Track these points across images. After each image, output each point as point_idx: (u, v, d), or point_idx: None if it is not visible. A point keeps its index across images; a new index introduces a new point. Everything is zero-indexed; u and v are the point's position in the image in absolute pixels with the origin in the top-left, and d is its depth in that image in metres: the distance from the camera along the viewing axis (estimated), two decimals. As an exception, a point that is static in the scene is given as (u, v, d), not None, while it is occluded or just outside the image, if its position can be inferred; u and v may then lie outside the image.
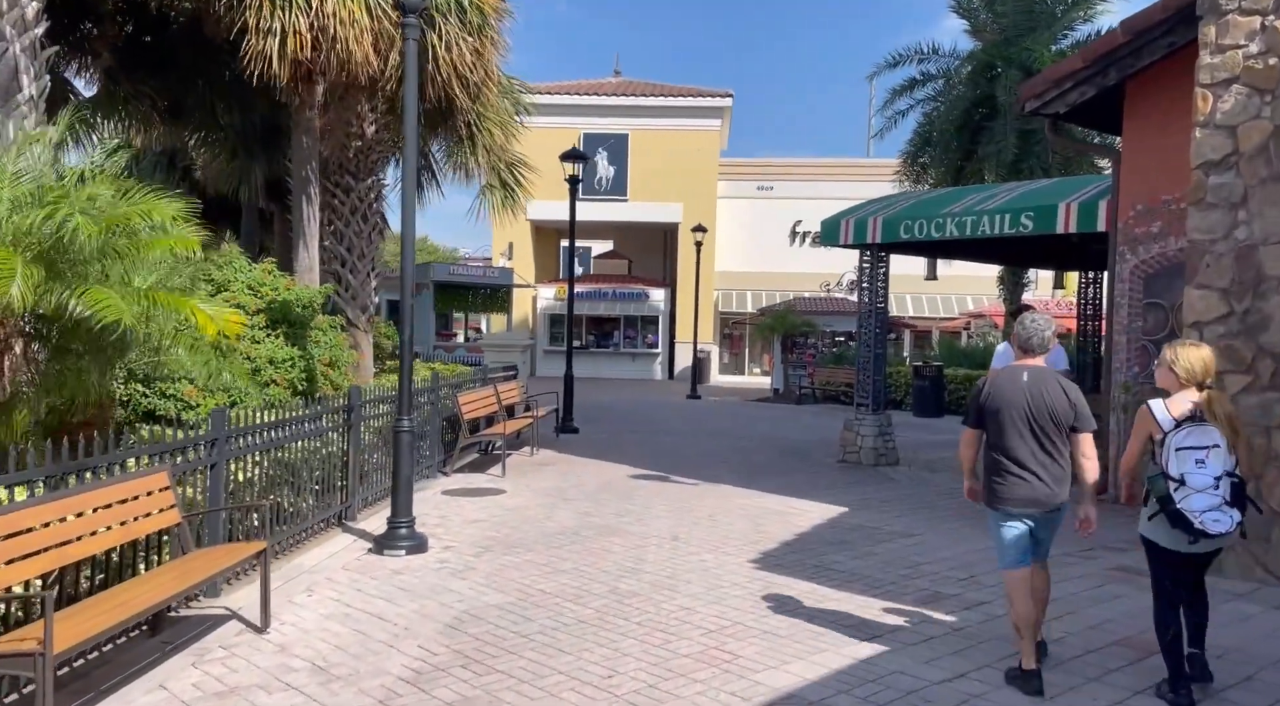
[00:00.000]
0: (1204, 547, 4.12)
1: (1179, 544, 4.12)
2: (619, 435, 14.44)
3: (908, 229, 11.17)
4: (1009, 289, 21.13)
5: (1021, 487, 4.33)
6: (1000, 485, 4.39)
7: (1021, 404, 4.32)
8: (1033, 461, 4.31)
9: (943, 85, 20.91)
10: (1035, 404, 4.30)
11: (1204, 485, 3.99)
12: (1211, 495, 3.98)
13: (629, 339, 31.86)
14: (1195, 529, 3.99)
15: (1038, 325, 4.45)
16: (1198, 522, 3.97)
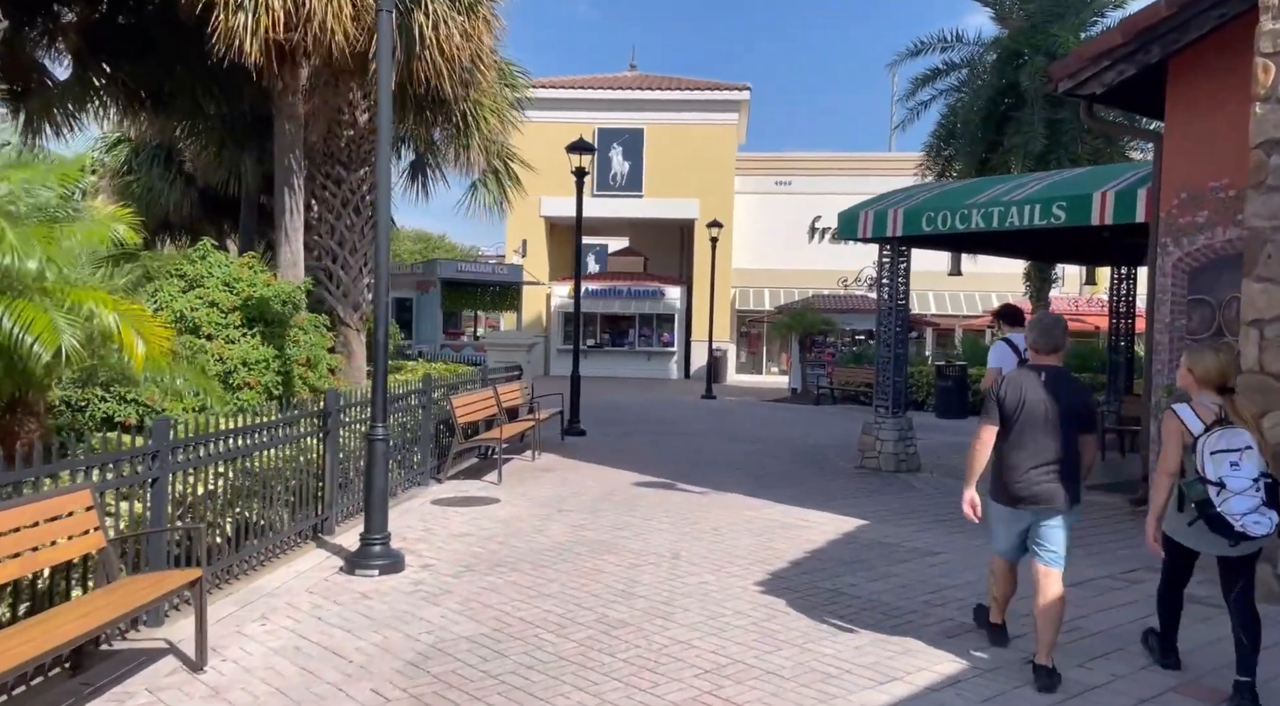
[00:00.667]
0: (1244, 549, 4.13)
1: (1217, 547, 4.13)
2: (627, 438, 13.87)
3: (930, 221, 10.51)
4: (1036, 286, 20.34)
5: (1028, 485, 4.37)
6: (1012, 483, 4.42)
7: (1042, 403, 4.35)
8: (1043, 459, 4.35)
9: (967, 74, 20.15)
10: (1053, 405, 4.33)
11: (1243, 487, 3.98)
12: (1251, 497, 3.97)
13: (644, 337, 31.28)
14: (1236, 532, 3.98)
15: (1046, 324, 4.52)
16: (1239, 525, 3.96)
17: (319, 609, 5.31)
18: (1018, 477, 4.39)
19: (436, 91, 8.67)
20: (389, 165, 6.23)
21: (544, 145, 31.01)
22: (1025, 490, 4.38)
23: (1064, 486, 4.36)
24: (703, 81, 30.99)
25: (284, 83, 8.72)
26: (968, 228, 10.20)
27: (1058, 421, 4.34)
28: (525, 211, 30.71)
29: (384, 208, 6.37)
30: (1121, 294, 14.07)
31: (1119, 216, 9.05)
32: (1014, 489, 4.41)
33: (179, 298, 7.51)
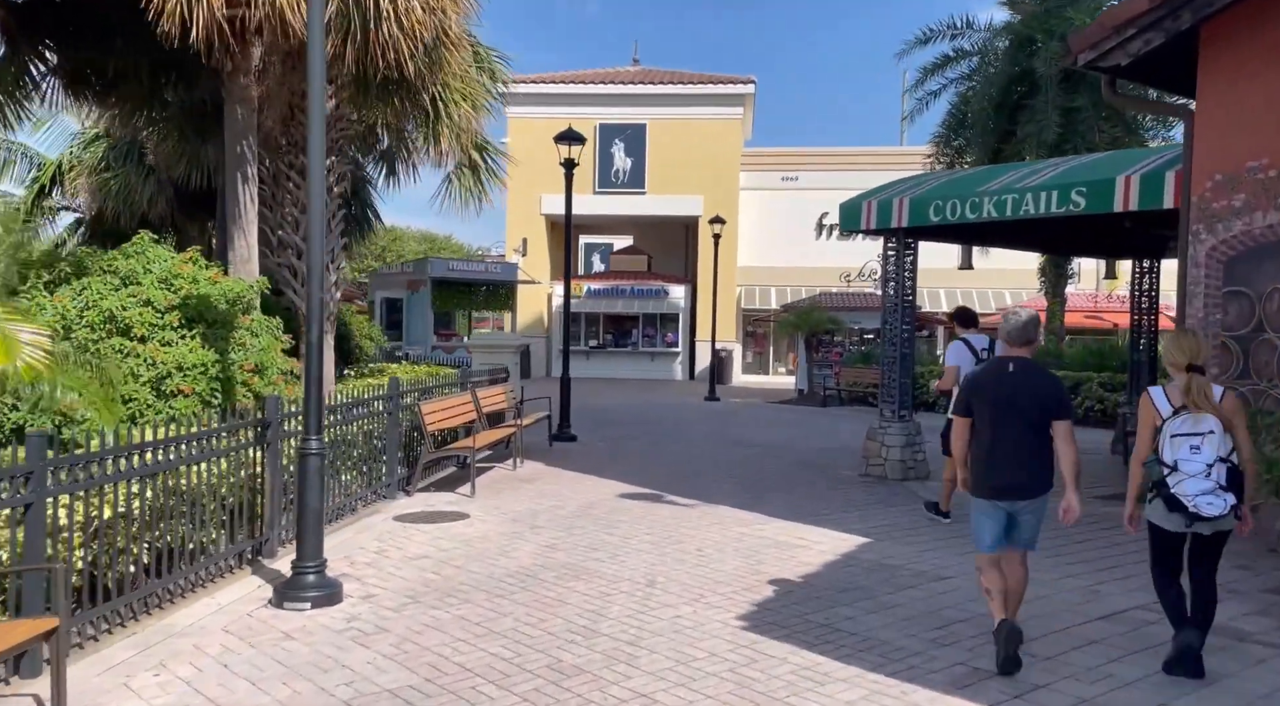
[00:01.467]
0: (1202, 529, 4.23)
1: (1178, 525, 4.25)
2: (620, 443, 13.15)
3: (939, 210, 9.75)
4: (1051, 281, 19.57)
5: (1001, 475, 4.43)
6: (985, 473, 4.49)
7: (1008, 394, 4.43)
8: (1018, 450, 4.41)
9: (978, 62, 19.38)
10: (1022, 394, 4.41)
11: (1196, 471, 4.12)
12: (1205, 480, 4.11)
13: (648, 338, 30.57)
14: (1190, 512, 4.13)
15: (1019, 316, 4.59)
16: (1191, 505, 4.11)
17: (229, 653, 4.61)
18: (992, 469, 4.46)
19: (398, 71, 7.97)
20: (321, 143, 5.53)
21: (544, 142, 30.30)
22: (1000, 481, 4.45)
23: (1038, 475, 4.45)
24: (706, 75, 30.27)
25: (234, 64, 8.05)
26: (979, 217, 9.45)
27: (1028, 412, 4.41)
28: (525, 209, 30.13)
29: (316, 193, 5.67)
30: (1143, 288, 13.26)
31: (1145, 202, 8.28)
32: (990, 480, 4.48)
33: (109, 295, 6.84)
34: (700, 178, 29.46)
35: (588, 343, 30.53)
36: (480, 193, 11.76)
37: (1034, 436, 4.41)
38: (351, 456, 7.89)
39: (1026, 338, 4.53)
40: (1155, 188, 8.21)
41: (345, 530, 7.30)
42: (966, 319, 8.11)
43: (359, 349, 13.55)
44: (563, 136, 13.08)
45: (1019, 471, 4.41)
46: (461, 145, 9.51)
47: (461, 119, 9.03)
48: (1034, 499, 4.45)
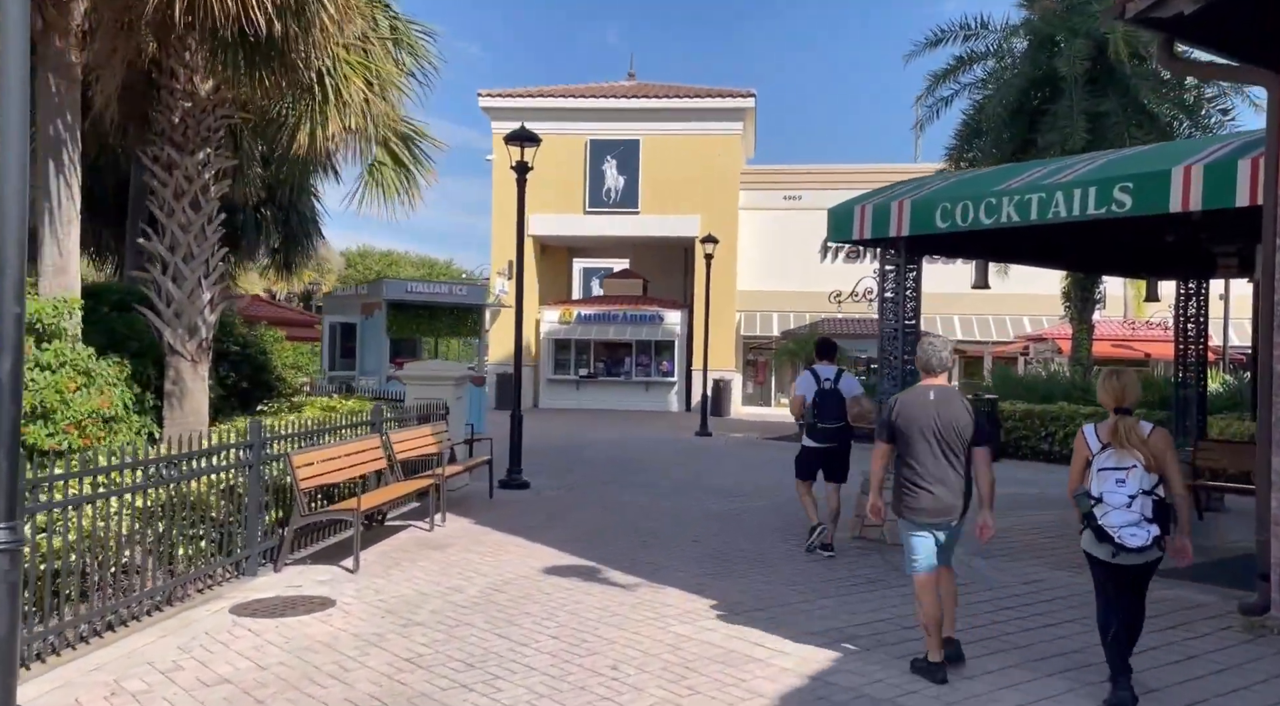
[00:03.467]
0: (1127, 559, 4.40)
1: (1106, 555, 4.42)
2: (579, 492, 11.29)
3: (947, 215, 7.93)
4: (1077, 307, 17.66)
5: (929, 499, 4.73)
6: (910, 496, 4.79)
7: (929, 420, 4.72)
8: (938, 474, 4.72)
9: (994, 65, 17.62)
10: (941, 420, 4.71)
11: (1120, 503, 4.36)
12: (1129, 512, 4.35)
13: (642, 367, 28.74)
14: (1115, 543, 4.34)
15: (936, 347, 4.92)
16: (1116, 537, 4.33)
17: None
18: (916, 492, 4.71)
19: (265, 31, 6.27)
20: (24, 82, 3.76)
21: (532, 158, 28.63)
22: (926, 503, 4.69)
23: (960, 497, 4.74)
24: (704, 89, 28.65)
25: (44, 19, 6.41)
26: (996, 222, 7.62)
27: (947, 437, 4.67)
28: (510, 229, 28.39)
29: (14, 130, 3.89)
30: (1188, 314, 11.37)
31: (1211, 199, 6.44)
32: (915, 503, 4.72)
33: None
34: (698, 197, 27.77)
35: (578, 372, 28.74)
36: (409, 189, 9.94)
37: (956, 460, 4.70)
38: (190, 523, 6.11)
39: (942, 365, 4.82)
40: (1224, 181, 6.38)
41: (149, 630, 5.48)
42: (824, 351, 8.38)
43: (280, 381, 11.80)
44: (514, 137, 11.37)
45: (942, 494, 4.69)
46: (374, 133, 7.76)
47: (356, 99, 7.29)
48: (953, 520, 4.76)
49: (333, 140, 7.43)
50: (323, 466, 7.32)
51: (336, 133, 7.34)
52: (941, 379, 4.83)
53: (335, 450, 7.61)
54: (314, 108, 7.35)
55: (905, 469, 4.75)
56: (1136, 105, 15.78)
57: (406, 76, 8.83)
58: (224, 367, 11.37)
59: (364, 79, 7.44)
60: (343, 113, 7.32)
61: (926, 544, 4.76)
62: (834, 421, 7.86)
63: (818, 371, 8.08)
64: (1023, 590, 6.82)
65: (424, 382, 11.02)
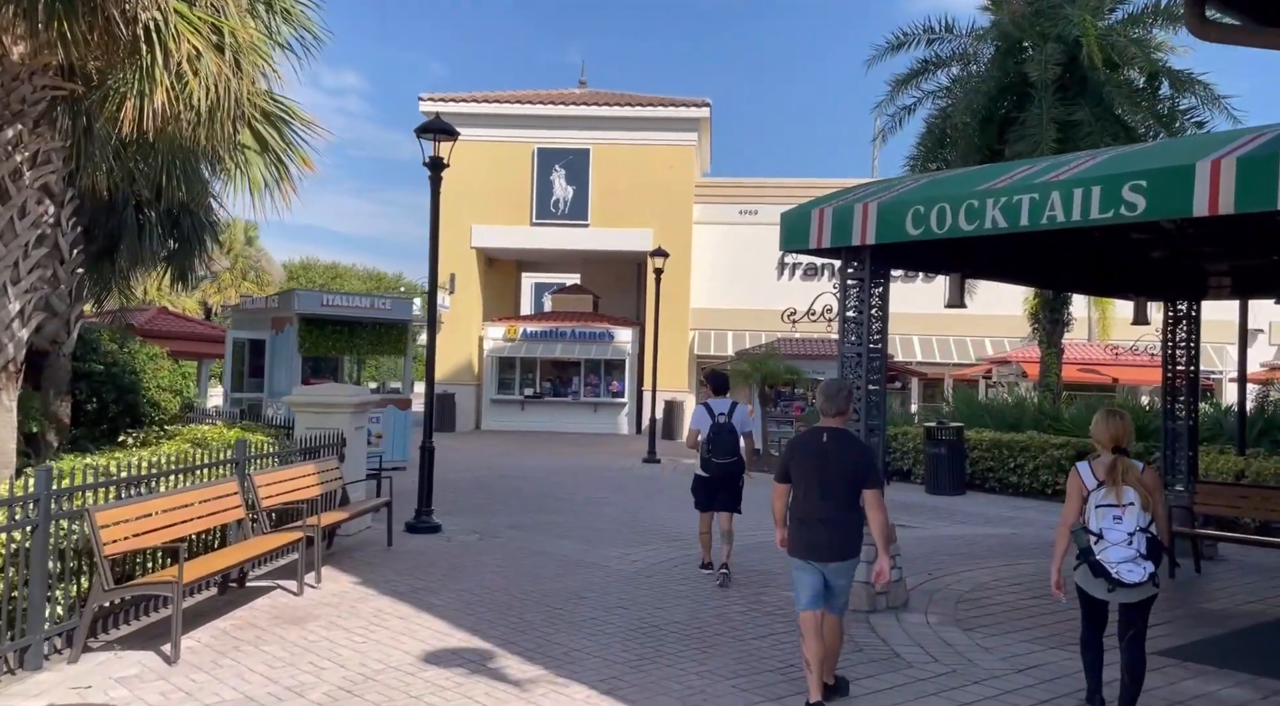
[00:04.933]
0: (1124, 596, 4.51)
1: (1101, 591, 4.54)
2: (495, 539, 9.81)
3: (920, 220, 6.65)
4: (1046, 329, 16.62)
5: (815, 536, 4.79)
6: (797, 534, 4.88)
7: (820, 461, 4.83)
8: (824, 514, 4.78)
9: (959, 72, 16.61)
10: (833, 461, 4.80)
11: (1119, 539, 4.43)
12: (1126, 548, 4.42)
13: (591, 386, 27.32)
14: (1113, 578, 4.43)
15: (829, 391, 5.02)
16: (1114, 572, 4.41)
17: None
18: (803, 530, 4.83)
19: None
20: None
21: (476, 167, 27.23)
22: (811, 541, 4.79)
23: (846, 538, 4.82)
24: (657, 98, 27.45)
25: None
26: (979, 228, 6.37)
27: (839, 478, 4.79)
28: (454, 242, 26.95)
29: None
30: (1177, 339, 10.26)
31: (1248, 200, 5.24)
32: (802, 540, 4.83)
33: None
34: (650, 209, 26.50)
35: (523, 392, 27.23)
36: (280, 178, 8.33)
37: (844, 501, 4.79)
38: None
39: (839, 408, 4.98)
40: (1262, 177, 5.18)
41: None
42: (717, 384, 8.39)
43: (153, 407, 10.20)
44: (428, 128, 9.92)
45: (829, 533, 4.78)
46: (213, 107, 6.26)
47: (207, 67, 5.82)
48: (843, 561, 4.81)
49: (166, 115, 5.93)
50: (145, 524, 5.76)
51: (169, 104, 5.84)
52: (838, 421, 4.95)
53: (161, 501, 6.05)
54: (140, 72, 5.86)
55: (795, 506, 4.88)
56: (1110, 115, 14.83)
57: (282, 48, 7.39)
58: (82, 392, 9.78)
59: (207, 40, 5.97)
60: (176, 80, 5.84)
61: (809, 578, 4.80)
62: (727, 455, 7.95)
63: (711, 405, 8.04)
64: (1019, 682, 5.50)
65: (315, 411, 9.50)
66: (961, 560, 9.35)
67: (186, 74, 5.99)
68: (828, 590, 4.80)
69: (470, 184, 26.80)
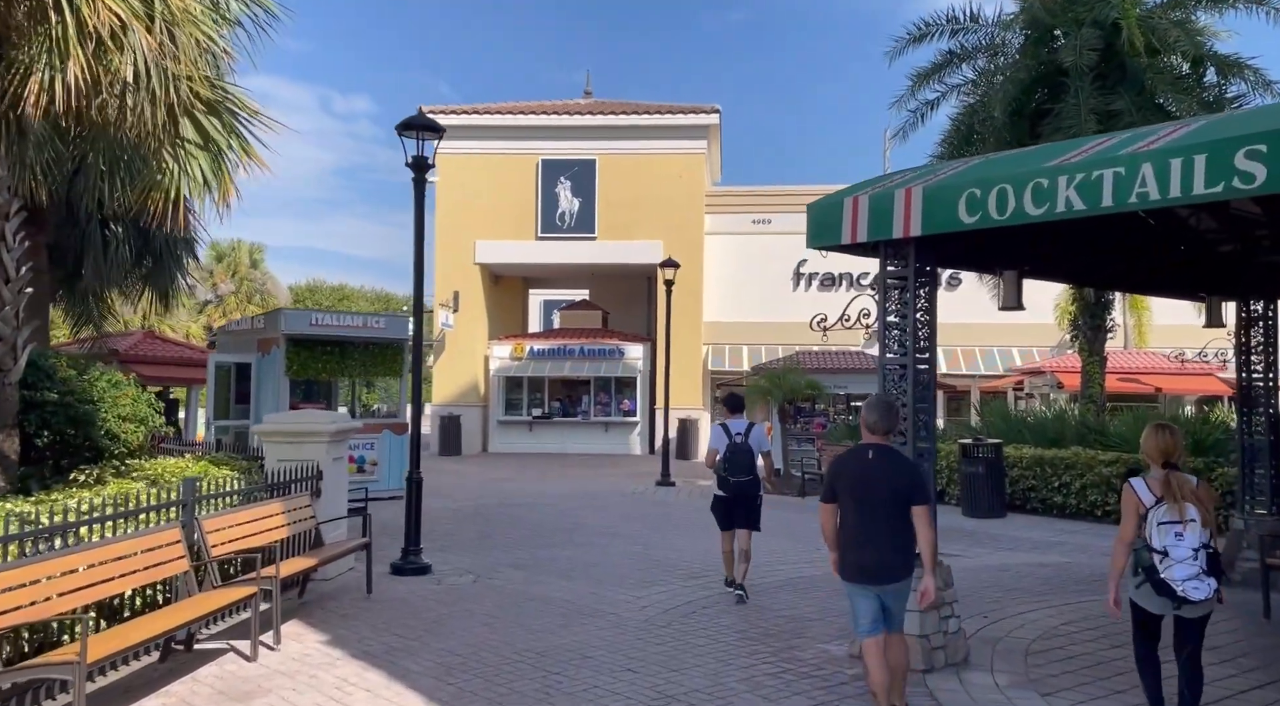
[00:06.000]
0: (1188, 613, 4.44)
1: (1165, 609, 4.47)
2: (490, 581, 8.74)
3: (977, 204, 5.59)
4: (1087, 335, 15.45)
5: (868, 559, 4.63)
6: (849, 557, 4.70)
7: (868, 480, 4.68)
8: (874, 534, 4.62)
9: (985, 63, 15.58)
10: (881, 480, 4.65)
11: (1184, 556, 4.33)
12: (1191, 565, 4.32)
13: (601, 405, 26.27)
14: (1178, 596, 4.33)
15: (877, 407, 4.85)
16: (1180, 590, 4.31)
17: None
18: (855, 553, 4.66)
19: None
20: None
21: (479, 181, 26.39)
22: (864, 564, 4.63)
23: (900, 559, 4.66)
24: (665, 105, 26.55)
25: None
26: (1049, 211, 5.30)
27: (888, 497, 4.64)
28: (457, 258, 26.08)
29: None
30: (1252, 344, 9.15)
31: None
32: (854, 564, 4.67)
33: None
34: (659, 221, 25.54)
35: (531, 412, 26.21)
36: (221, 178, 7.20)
37: (895, 521, 4.62)
38: None
39: (888, 427, 4.84)
40: None
41: None
42: (733, 405, 8.45)
43: (112, 438, 9.22)
44: (410, 125, 8.92)
45: (881, 554, 4.60)
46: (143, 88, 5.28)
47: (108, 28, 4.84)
48: (898, 581, 4.65)
49: (83, 92, 4.96)
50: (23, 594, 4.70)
51: (83, 79, 4.87)
52: (883, 439, 4.82)
53: (56, 562, 4.99)
54: (50, 43, 4.90)
55: (844, 529, 4.75)
56: (1151, 104, 13.76)
57: (229, 24, 6.44)
58: (32, 424, 8.80)
59: (130, 7, 5.01)
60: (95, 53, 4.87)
61: (867, 603, 4.68)
62: (744, 474, 7.96)
63: (729, 425, 8.10)
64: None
65: (287, 440, 8.48)
66: (1018, 597, 8.23)
67: (107, 46, 5.01)
68: (885, 612, 4.67)
69: (473, 198, 25.95)
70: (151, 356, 18.53)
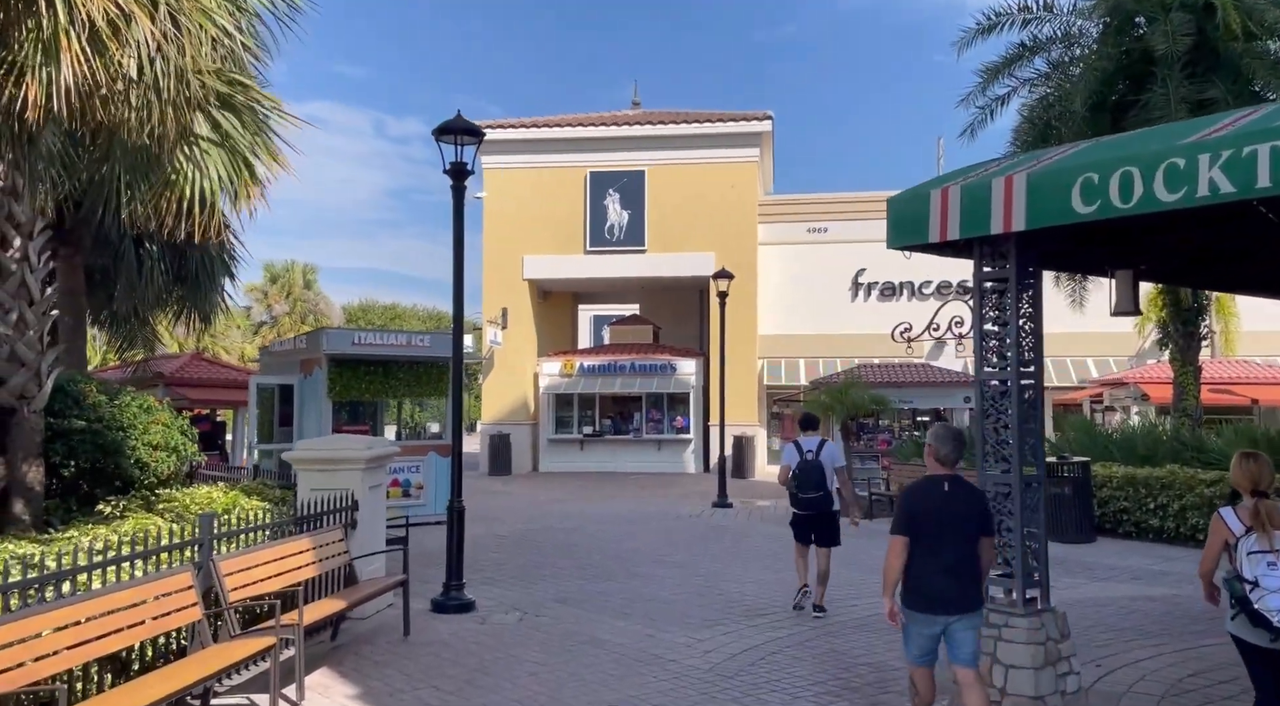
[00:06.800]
0: None
1: (1263, 640, 4.27)
2: (538, 619, 8.03)
3: (1095, 191, 4.75)
4: (1179, 342, 14.29)
5: (943, 590, 4.56)
6: (920, 588, 4.59)
7: (948, 513, 4.62)
8: (954, 565, 4.57)
9: (1061, 53, 14.59)
10: (957, 511, 4.63)
11: (1277, 586, 4.16)
12: None
13: (654, 422, 25.51)
14: (1275, 627, 4.15)
15: (946, 437, 4.75)
16: (1276, 621, 4.13)
17: None
18: (928, 583, 4.58)
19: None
20: None
21: (526, 195, 25.98)
22: (937, 595, 4.56)
23: (975, 588, 4.68)
24: (715, 113, 25.85)
25: None
26: (1187, 197, 4.45)
27: (963, 528, 4.61)
28: (505, 274, 25.65)
29: None
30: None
31: None
32: (926, 594, 4.58)
33: None
34: (711, 232, 24.80)
35: (581, 430, 25.58)
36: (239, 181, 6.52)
37: (969, 552, 4.63)
38: None
39: (957, 457, 4.78)
40: None
41: None
42: (806, 424, 8.60)
43: (142, 467, 8.76)
44: (447, 129, 8.34)
45: (961, 585, 4.57)
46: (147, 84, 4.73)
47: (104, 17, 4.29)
48: (970, 613, 4.60)
49: (82, 91, 4.42)
50: (14, 655, 4.11)
51: (80, 75, 4.33)
52: (952, 470, 4.74)
53: (44, 617, 4.39)
54: (41, 37, 4.38)
55: (917, 558, 4.59)
56: (1248, 91, 12.66)
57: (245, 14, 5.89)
58: (58, 453, 8.38)
59: (126, -8, 4.48)
60: (91, 41, 4.33)
61: (924, 636, 4.62)
62: (814, 491, 8.07)
63: (801, 443, 8.27)
64: None
65: (319, 467, 7.90)
66: (1129, 639, 7.28)
67: (105, 35, 4.47)
68: (952, 643, 4.61)
69: (521, 213, 25.54)
70: (198, 379, 18.31)
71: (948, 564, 4.54)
